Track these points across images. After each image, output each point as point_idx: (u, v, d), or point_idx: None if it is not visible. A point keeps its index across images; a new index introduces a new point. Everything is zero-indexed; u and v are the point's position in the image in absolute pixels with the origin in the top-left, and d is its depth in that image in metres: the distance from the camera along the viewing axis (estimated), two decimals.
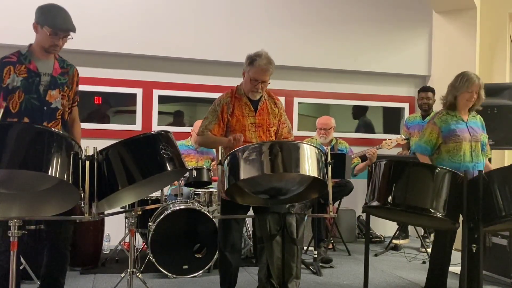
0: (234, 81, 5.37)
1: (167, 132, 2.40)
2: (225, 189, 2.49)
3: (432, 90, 5.02)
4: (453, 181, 2.76)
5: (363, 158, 4.59)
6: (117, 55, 5.05)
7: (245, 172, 2.40)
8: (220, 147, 2.59)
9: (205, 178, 4.08)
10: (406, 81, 5.96)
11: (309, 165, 2.43)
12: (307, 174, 2.42)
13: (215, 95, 5.41)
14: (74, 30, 2.51)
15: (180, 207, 3.68)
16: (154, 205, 3.73)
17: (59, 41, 2.51)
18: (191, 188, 4.23)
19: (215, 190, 4.11)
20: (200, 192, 4.09)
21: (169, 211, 3.64)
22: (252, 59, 2.94)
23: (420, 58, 5.84)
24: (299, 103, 5.63)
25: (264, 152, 2.38)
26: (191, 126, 4.93)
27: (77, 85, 2.73)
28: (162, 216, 3.63)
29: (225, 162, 2.50)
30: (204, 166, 4.22)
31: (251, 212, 2.92)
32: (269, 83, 3.01)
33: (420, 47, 5.85)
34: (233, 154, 2.46)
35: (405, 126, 5.20)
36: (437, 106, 5.03)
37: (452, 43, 5.63)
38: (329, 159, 2.58)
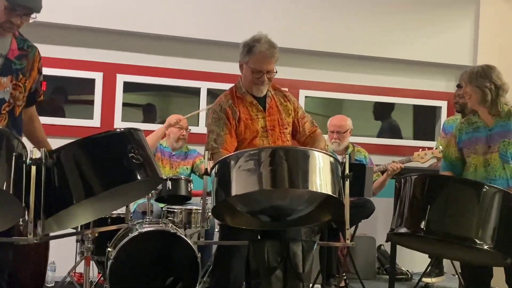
0: (223, 66, 5.49)
1: (136, 130, 2.41)
2: (211, 207, 2.51)
3: None
4: (505, 204, 2.78)
5: (383, 172, 4.61)
6: (70, 28, 5.02)
7: (239, 186, 2.41)
8: (206, 152, 2.60)
9: (182, 192, 4.09)
10: (445, 72, 5.98)
11: (321, 179, 2.45)
12: (319, 190, 2.44)
13: (198, 84, 5.59)
14: (38, 10, 2.50)
15: (149, 229, 3.68)
16: (115, 225, 3.72)
17: (17, 19, 2.50)
18: (164, 204, 4.22)
19: (196, 207, 4.11)
20: (175, 210, 4.09)
21: (135, 233, 3.63)
22: (249, 46, 2.97)
23: (463, 43, 5.89)
24: (305, 97, 5.66)
25: (264, 161, 2.39)
26: (163, 122, 4.92)
27: (39, 73, 2.70)
28: (125, 240, 3.62)
29: (213, 172, 2.50)
30: (182, 176, 4.22)
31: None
32: (276, 72, 3.03)
33: (464, 29, 5.90)
34: (224, 161, 2.47)
35: (442, 131, 5.22)
36: None
37: (505, 24, 5.70)
38: (347, 170, 2.59)
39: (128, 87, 5.28)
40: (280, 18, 5.38)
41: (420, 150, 4.69)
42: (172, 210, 4.10)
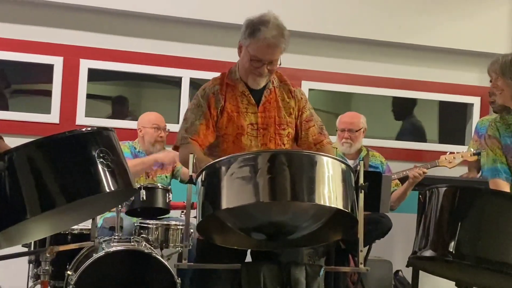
0: (210, 52, 5.48)
1: (108, 130, 2.41)
2: (197, 222, 2.50)
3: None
4: None
5: (404, 180, 4.63)
6: (23, 3, 5.01)
7: (231, 197, 2.41)
8: (191, 155, 2.60)
9: (159, 203, 4.08)
10: (477, 62, 6.00)
11: (330, 191, 2.45)
12: (327, 204, 2.44)
13: (179, 73, 5.57)
14: None
15: (118, 248, 3.66)
16: (77, 244, 3.70)
17: None
18: (136, 219, 4.21)
19: (175, 222, 4.11)
20: (150, 225, 4.08)
21: (101, 253, 3.62)
22: (254, 28, 2.96)
23: (499, 27, 5.94)
24: (309, 89, 5.67)
25: (262, 168, 2.38)
26: (136, 119, 4.93)
27: None
28: (89, 262, 3.61)
29: (199, 180, 2.50)
30: (159, 184, 4.21)
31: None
32: (280, 64, 3.03)
33: (500, 10, 5.94)
34: (213, 167, 2.47)
35: (475, 133, 5.26)
36: None
37: None
38: (361, 180, 2.60)
39: (94, 75, 5.27)
40: None
41: (448, 153, 4.71)
42: (146, 225, 4.09)
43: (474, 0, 5.89)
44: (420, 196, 3.08)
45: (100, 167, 2.27)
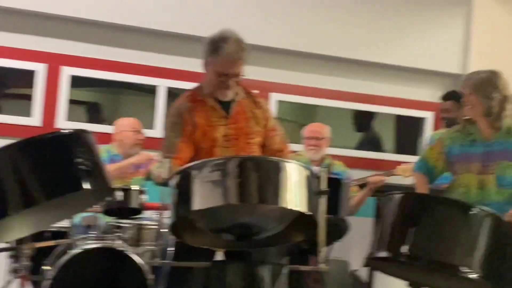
0: (186, 62, 5.44)
1: (86, 132, 2.41)
2: (170, 223, 2.50)
3: (456, 98, 5.12)
4: (496, 229, 2.83)
5: (363, 187, 4.66)
6: (8, 12, 4.96)
7: (202, 199, 2.42)
8: (167, 160, 2.59)
9: (133, 204, 4.02)
10: (431, 80, 6.10)
11: (295, 195, 2.47)
12: (292, 207, 2.46)
13: (156, 82, 5.52)
14: None
15: (94, 246, 3.62)
16: (54, 241, 3.66)
17: None
18: (112, 218, 4.16)
19: (148, 222, 4.07)
20: (124, 225, 4.03)
21: (77, 251, 3.57)
22: (215, 46, 2.98)
23: (452, 49, 6.01)
24: (278, 101, 5.69)
25: (231, 172, 2.40)
26: (111, 124, 4.91)
27: None
28: (65, 258, 3.55)
29: (172, 183, 2.51)
30: (133, 186, 4.15)
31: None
32: (243, 76, 3.06)
33: (454, 33, 6.02)
34: (186, 172, 2.48)
35: (428, 145, 5.31)
36: None
37: (499, 28, 5.84)
38: (323, 186, 2.62)
39: (75, 82, 5.22)
40: (251, 11, 5.41)
41: (403, 164, 4.76)
42: (120, 224, 4.04)
43: (430, 21, 5.95)
44: (378, 202, 3.11)
45: (79, 166, 2.27)
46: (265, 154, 3.20)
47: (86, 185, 2.26)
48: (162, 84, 5.36)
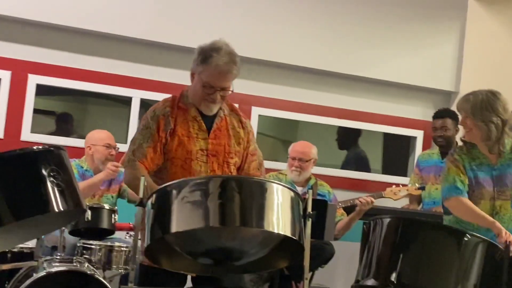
0: (162, 73, 5.44)
1: (59, 149, 2.40)
2: (145, 245, 2.49)
3: (452, 116, 5.21)
4: (489, 257, 2.88)
5: (349, 209, 4.69)
6: None
7: (181, 221, 2.42)
8: (142, 177, 2.60)
9: (104, 224, 4.03)
10: (422, 97, 6.18)
11: (279, 218, 2.49)
12: (276, 231, 2.47)
13: (129, 92, 5.46)
14: None
15: (60, 268, 3.58)
16: (17, 263, 3.63)
17: None
18: (80, 239, 4.14)
19: (119, 244, 4.06)
20: (93, 246, 4.02)
21: (41, 273, 3.53)
22: (206, 55, 2.99)
23: (444, 64, 6.08)
24: (259, 115, 5.73)
25: (213, 193, 2.41)
26: (82, 137, 4.88)
27: None
28: (29, 282, 3.52)
29: (149, 202, 2.50)
30: (105, 205, 4.18)
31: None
32: (232, 90, 3.07)
33: (446, 48, 6.10)
34: (163, 191, 2.48)
35: (416, 167, 5.38)
36: None
37: (493, 44, 5.92)
38: (309, 208, 2.63)
39: (41, 90, 5.20)
40: (232, 20, 5.45)
41: (394, 186, 4.81)
42: (89, 246, 4.02)
43: (421, 36, 6.02)
44: (364, 226, 3.12)
45: (50, 186, 2.26)
46: None
47: (58, 207, 2.26)
48: (136, 96, 5.37)
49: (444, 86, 6.10)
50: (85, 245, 4.04)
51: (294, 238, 2.51)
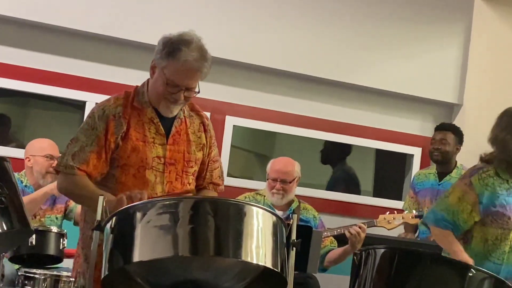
0: (121, 73, 5.41)
1: (2, 159, 2.41)
2: (103, 275, 2.46)
3: (454, 131, 5.26)
4: None
5: (340, 238, 4.67)
6: None
7: (145, 249, 2.39)
8: (101, 197, 2.56)
9: (51, 250, 4.00)
10: (421, 110, 6.21)
11: (259, 246, 2.47)
12: (255, 262, 2.46)
13: (83, 96, 5.39)
14: None
15: None
16: None
17: None
18: (21, 267, 4.09)
19: (67, 273, 4.02)
20: (37, 276, 3.97)
21: None
22: (173, 47, 2.96)
23: (447, 74, 6.12)
24: (234, 126, 5.71)
25: (183, 216, 2.39)
26: (22, 147, 4.85)
27: None
28: None
29: (108, 226, 2.48)
30: (52, 228, 4.13)
31: None
32: (198, 92, 3.03)
33: (449, 54, 6.14)
34: (126, 213, 2.46)
35: (411, 188, 5.41)
36: (465, 161, 5.11)
37: (504, 51, 5.98)
38: (293, 236, 2.61)
39: None
40: (205, 16, 5.44)
41: (388, 212, 4.81)
42: (32, 275, 3.97)
43: (421, 40, 6.06)
44: (355, 257, 3.13)
45: None
46: (198, 186, 3.19)
47: (1, 227, 2.23)
48: (91, 100, 5.31)
49: (446, 97, 6.14)
50: (28, 274, 3.98)
51: (276, 270, 2.49)
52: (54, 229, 4.12)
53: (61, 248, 4.07)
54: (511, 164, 3.44)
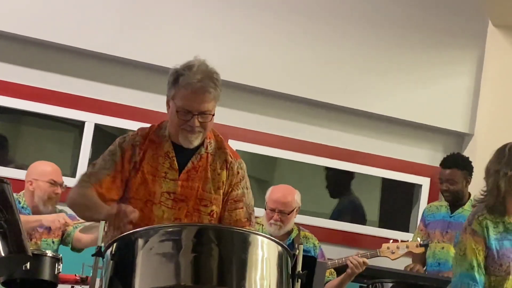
0: (123, 94, 5.40)
1: (3, 181, 2.42)
2: None
3: (461, 165, 5.23)
4: None
5: (341, 269, 4.66)
6: None
7: (146, 277, 2.40)
8: (102, 222, 2.57)
9: (45, 275, 3.98)
10: (430, 138, 6.23)
11: (264, 277, 2.48)
12: None
13: (81, 116, 5.34)
14: None
15: None
16: None
17: None
18: None
19: None
20: None
21: None
22: (177, 75, 2.98)
23: (458, 102, 6.14)
24: (236, 150, 5.68)
25: (186, 244, 2.40)
26: (22, 167, 4.86)
27: None
28: None
29: (108, 252, 2.48)
30: (48, 252, 4.13)
31: None
32: (213, 115, 3.02)
33: (461, 81, 6.17)
34: (127, 239, 2.46)
35: (421, 221, 5.38)
36: (477, 191, 5.14)
37: None
38: (299, 267, 2.62)
39: None
40: (207, 38, 5.47)
41: (391, 241, 4.78)
42: None
43: (431, 66, 6.08)
44: None
45: None
46: None
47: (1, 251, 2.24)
48: (90, 120, 5.35)
49: (457, 126, 6.16)
50: None
51: None
52: (49, 253, 4.10)
53: (56, 273, 4.04)
54: (499, 204, 3.39)
